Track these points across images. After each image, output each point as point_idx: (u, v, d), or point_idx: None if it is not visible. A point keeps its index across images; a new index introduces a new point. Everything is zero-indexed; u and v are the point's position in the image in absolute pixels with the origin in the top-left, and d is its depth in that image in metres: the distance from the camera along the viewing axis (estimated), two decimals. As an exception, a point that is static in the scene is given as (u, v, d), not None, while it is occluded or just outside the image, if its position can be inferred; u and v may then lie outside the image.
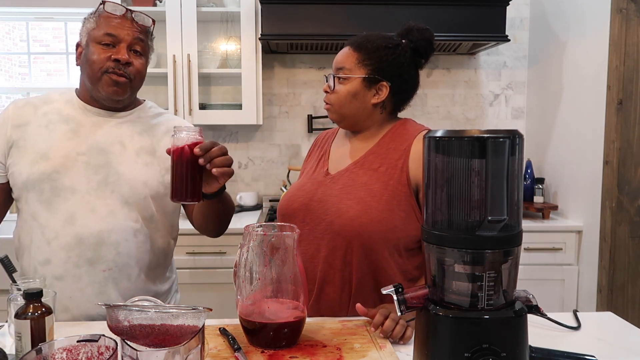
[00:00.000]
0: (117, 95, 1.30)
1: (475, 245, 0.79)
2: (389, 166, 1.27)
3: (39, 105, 1.35)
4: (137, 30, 1.30)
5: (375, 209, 1.22)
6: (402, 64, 1.28)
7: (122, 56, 1.27)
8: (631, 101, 2.29)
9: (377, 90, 1.28)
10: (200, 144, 1.09)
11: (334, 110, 1.31)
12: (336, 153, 1.39)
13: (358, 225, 1.21)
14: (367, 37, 1.30)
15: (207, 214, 1.34)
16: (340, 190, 1.27)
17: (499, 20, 2.64)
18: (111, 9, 1.29)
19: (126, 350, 0.77)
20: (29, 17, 3.07)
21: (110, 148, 1.32)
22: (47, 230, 1.27)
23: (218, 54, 2.91)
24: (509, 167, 0.77)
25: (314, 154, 1.46)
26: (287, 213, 1.34)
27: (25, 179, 1.28)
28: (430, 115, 3.13)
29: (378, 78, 1.27)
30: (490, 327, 0.79)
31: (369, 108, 1.30)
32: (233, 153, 3.10)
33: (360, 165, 1.30)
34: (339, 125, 1.36)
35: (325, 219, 1.26)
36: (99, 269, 1.27)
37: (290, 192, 1.37)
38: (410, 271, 1.28)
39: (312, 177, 1.37)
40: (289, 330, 1.02)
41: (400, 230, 1.23)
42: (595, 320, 1.24)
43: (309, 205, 1.30)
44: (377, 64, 1.27)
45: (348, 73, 1.28)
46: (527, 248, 2.53)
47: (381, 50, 1.27)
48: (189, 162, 1.08)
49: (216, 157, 1.09)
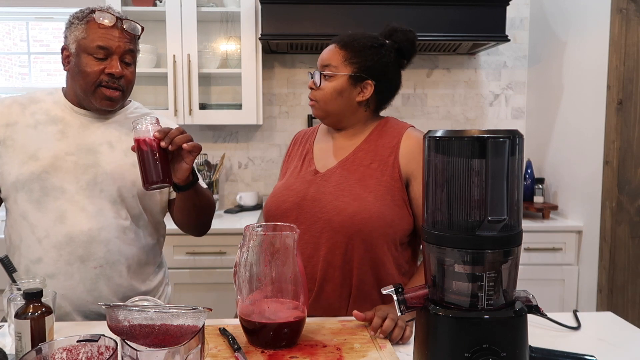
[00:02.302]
0: (110, 107, 1.33)
1: (475, 245, 0.79)
2: (380, 163, 1.28)
3: (26, 104, 1.35)
4: (128, 40, 1.30)
5: (372, 204, 1.23)
6: (386, 64, 1.31)
7: (115, 70, 1.27)
8: (631, 101, 2.29)
9: (362, 89, 1.31)
10: (159, 129, 1.13)
11: (318, 107, 1.33)
12: (320, 151, 1.39)
13: (359, 221, 1.22)
14: (353, 36, 1.32)
15: (185, 208, 1.35)
16: (334, 188, 1.28)
17: (499, 20, 2.64)
18: (101, 19, 1.27)
19: (126, 350, 0.77)
20: (29, 17, 3.07)
21: (98, 148, 1.33)
22: (38, 229, 1.28)
23: (218, 54, 2.91)
24: (509, 167, 0.77)
25: (295, 153, 1.46)
26: (277, 214, 1.33)
27: (14, 179, 1.28)
28: (430, 115, 3.12)
29: (364, 76, 1.29)
30: (490, 327, 0.79)
31: (353, 105, 1.32)
32: (233, 153, 3.10)
33: (351, 162, 1.31)
34: (323, 121, 1.38)
35: (322, 217, 1.26)
36: (90, 266, 1.29)
37: (277, 193, 1.36)
38: (403, 265, 1.30)
39: (299, 177, 1.36)
40: (289, 330, 1.02)
41: (397, 224, 1.25)
42: (595, 320, 1.24)
43: (302, 204, 1.29)
44: (363, 63, 1.29)
45: (334, 70, 1.29)
46: (527, 248, 2.53)
47: (367, 50, 1.29)
48: (152, 149, 1.12)
49: (176, 137, 1.13)
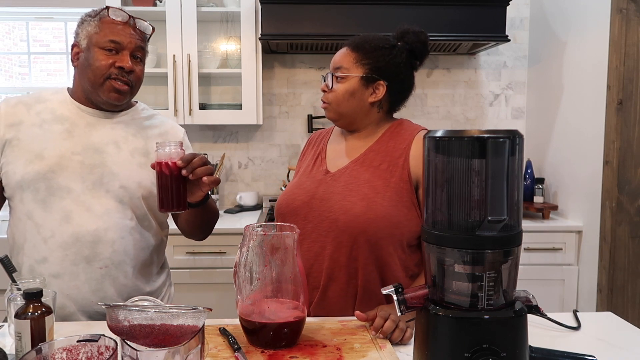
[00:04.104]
0: (118, 101, 1.33)
1: (475, 245, 0.79)
2: (390, 164, 1.28)
3: (32, 104, 1.35)
4: (139, 38, 1.33)
5: (379, 205, 1.23)
6: (398, 65, 1.31)
7: (126, 64, 1.29)
8: (631, 101, 2.29)
9: (374, 89, 1.31)
10: (182, 157, 1.16)
11: (331, 109, 1.33)
12: (333, 151, 1.39)
13: (364, 222, 1.22)
14: (364, 38, 1.32)
15: (192, 222, 1.40)
16: (343, 188, 1.28)
17: (499, 20, 2.64)
18: (115, 15, 1.30)
19: (126, 350, 0.77)
20: (29, 17, 3.07)
21: (105, 148, 1.33)
22: (43, 229, 1.28)
23: (218, 54, 2.91)
24: (509, 167, 0.77)
25: (308, 152, 1.47)
26: (287, 212, 1.33)
27: (19, 178, 1.28)
28: (430, 115, 3.12)
29: (375, 77, 1.30)
30: (490, 327, 0.79)
31: (366, 107, 1.32)
32: (233, 153, 3.10)
33: (361, 162, 1.31)
34: (336, 123, 1.38)
35: (329, 217, 1.26)
36: (96, 266, 1.29)
37: (289, 191, 1.37)
38: (411, 267, 1.29)
39: (310, 176, 1.37)
40: (289, 330, 1.02)
41: (404, 225, 1.24)
42: (595, 320, 1.24)
43: (311, 203, 1.30)
44: (375, 64, 1.29)
45: (346, 72, 1.30)
46: (527, 248, 2.53)
47: (378, 51, 1.30)
48: (172, 174, 1.15)
49: (198, 167, 1.16)
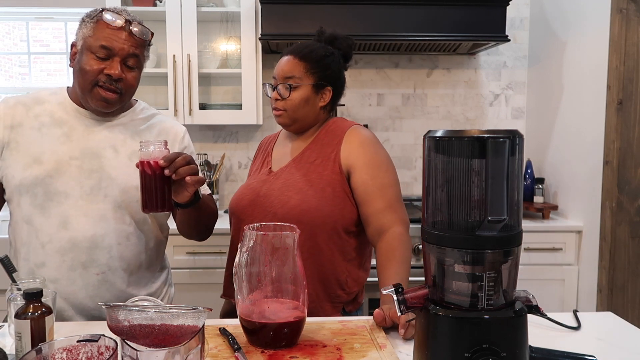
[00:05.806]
0: (105, 109, 1.32)
1: (475, 245, 0.79)
2: (324, 158, 1.41)
3: (30, 105, 1.34)
4: (134, 45, 1.28)
5: (312, 197, 1.35)
6: (339, 70, 1.47)
7: (114, 72, 1.25)
8: (631, 101, 2.29)
9: (322, 95, 1.45)
10: (165, 156, 1.13)
11: (287, 116, 1.43)
12: (278, 153, 1.52)
13: (298, 213, 1.33)
14: (308, 47, 1.44)
15: (186, 222, 1.39)
16: (282, 184, 1.40)
17: (499, 20, 2.64)
18: (110, 19, 1.25)
19: (126, 350, 0.77)
20: (29, 17, 3.07)
21: (103, 152, 1.32)
22: (41, 234, 1.27)
23: (218, 54, 2.91)
24: (509, 167, 0.77)
25: (259, 156, 1.60)
26: (236, 211, 1.45)
27: (18, 182, 1.27)
28: (430, 115, 3.12)
29: (324, 84, 1.44)
30: (490, 327, 0.79)
31: (317, 111, 1.45)
32: (233, 153, 3.10)
33: (299, 160, 1.43)
34: (288, 128, 1.48)
35: (270, 211, 1.37)
36: (93, 272, 1.28)
37: (238, 192, 1.49)
38: (349, 252, 1.40)
39: (257, 177, 1.50)
40: (289, 330, 1.02)
41: (336, 214, 1.36)
42: (595, 320, 1.24)
43: (256, 200, 1.41)
44: (323, 72, 1.43)
45: (299, 82, 1.41)
46: (527, 248, 2.53)
47: (324, 59, 1.43)
48: (155, 174, 1.13)
49: (180, 167, 1.13)
